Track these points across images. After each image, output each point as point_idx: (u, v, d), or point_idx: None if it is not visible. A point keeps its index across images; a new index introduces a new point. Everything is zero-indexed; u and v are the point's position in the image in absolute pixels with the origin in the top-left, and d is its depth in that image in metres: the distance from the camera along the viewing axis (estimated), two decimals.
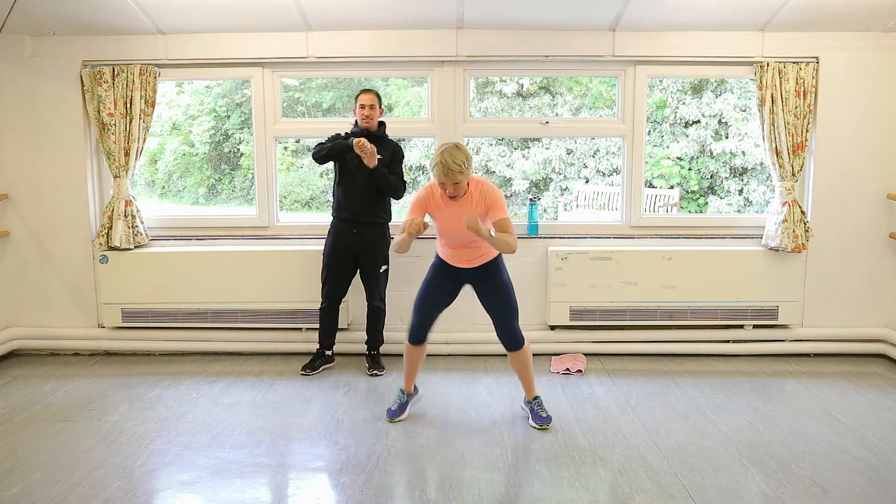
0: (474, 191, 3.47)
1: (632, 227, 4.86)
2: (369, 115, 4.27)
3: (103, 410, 3.89)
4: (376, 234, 4.36)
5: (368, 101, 4.27)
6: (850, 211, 4.69)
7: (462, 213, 3.41)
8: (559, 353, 4.74)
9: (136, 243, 4.71)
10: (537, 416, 3.67)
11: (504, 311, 3.63)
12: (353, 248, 4.34)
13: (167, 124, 10.93)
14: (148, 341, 4.81)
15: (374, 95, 4.30)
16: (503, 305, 3.62)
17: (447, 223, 3.53)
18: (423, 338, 3.72)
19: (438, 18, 4.45)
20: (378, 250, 4.37)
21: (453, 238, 3.55)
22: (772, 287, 4.68)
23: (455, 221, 3.45)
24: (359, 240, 4.32)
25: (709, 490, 3.01)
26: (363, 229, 4.32)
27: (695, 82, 9.36)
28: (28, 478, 3.12)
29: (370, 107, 4.27)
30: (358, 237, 4.32)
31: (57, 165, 4.70)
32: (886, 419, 3.75)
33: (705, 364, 4.61)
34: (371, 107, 4.27)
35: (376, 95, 4.31)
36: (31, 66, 4.62)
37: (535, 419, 3.66)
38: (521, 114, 9.84)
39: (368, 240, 4.33)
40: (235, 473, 3.18)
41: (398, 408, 3.76)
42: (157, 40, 4.60)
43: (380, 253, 4.38)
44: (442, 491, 3.03)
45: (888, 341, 4.72)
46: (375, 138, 4.29)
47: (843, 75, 4.56)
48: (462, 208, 3.45)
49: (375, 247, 4.36)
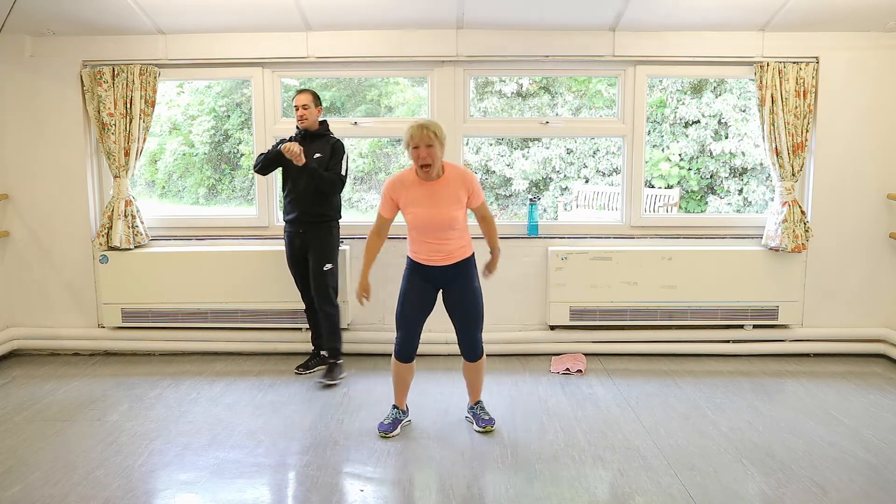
0: (451, 174, 3.41)
1: (632, 227, 4.86)
2: (304, 116, 4.23)
3: (103, 410, 3.89)
4: (321, 231, 4.29)
5: (302, 101, 4.23)
6: (850, 211, 4.69)
7: (438, 196, 3.37)
8: (559, 353, 4.74)
9: (136, 243, 4.71)
10: (480, 419, 3.63)
11: (470, 317, 3.54)
12: (301, 248, 4.32)
13: (166, 124, 10.92)
14: (148, 341, 4.81)
15: (308, 95, 4.24)
16: (471, 312, 3.53)
17: (420, 210, 3.39)
18: (412, 354, 3.55)
19: (438, 18, 4.45)
20: (322, 248, 4.29)
21: (427, 229, 3.41)
22: (772, 287, 4.68)
23: (429, 207, 3.37)
24: (304, 239, 4.30)
25: (709, 490, 3.01)
26: (308, 228, 4.28)
27: (694, 82, 9.35)
28: (28, 478, 3.12)
29: (303, 107, 4.22)
30: (304, 237, 4.29)
31: (57, 165, 4.70)
32: (886, 419, 3.75)
33: (705, 364, 4.62)
34: (305, 107, 4.22)
35: (311, 94, 4.26)
36: (31, 66, 4.62)
37: (479, 423, 3.62)
38: (521, 114, 9.84)
39: (312, 238, 4.28)
40: (235, 473, 3.18)
41: (391, 423, 3.59)
42: (157, 40, 4.60)
43: (324, 251, 4.29)
44: (442, 491, 3.03)
45: (888, 341, 4.72)
46: (316, 137, 4.28)
47: (843, 75, 4.56)
48: (437, 191, 3.38)
49: (320, 244, 4.29)
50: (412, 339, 3.53)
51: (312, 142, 4.26)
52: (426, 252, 3.47)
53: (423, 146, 3.29)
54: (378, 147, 10.33)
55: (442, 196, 3.39)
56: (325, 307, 4.29)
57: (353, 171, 10.43)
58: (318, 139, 4.30)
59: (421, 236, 3.46)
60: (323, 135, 4.33)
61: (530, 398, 4.05)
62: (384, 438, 3.52)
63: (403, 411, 3.67)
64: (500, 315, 4.77)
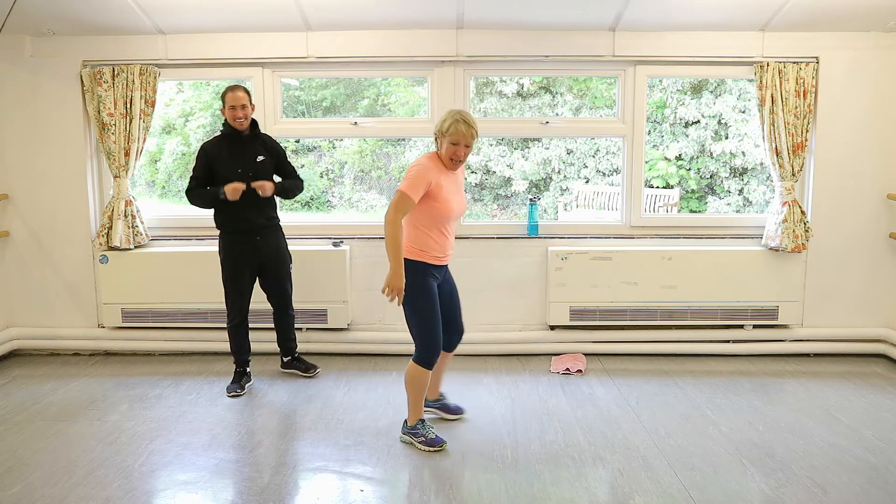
0: None
1: (632, 227, 4.85)
2: (244, 116, 3.96)
3: (103, 410, 3.89)
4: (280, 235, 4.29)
5: (241, 100, 3.93)
6: (850, 211, 4.69)
7: (459, 185, 3.41)
8: (559, 353, 4.74)
9: (136, 243, 4.71)
10: (453, 406, 3.77)
11: (459, 302, 3.57)
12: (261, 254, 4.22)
13: (162, 122, 10.90)
14: (148, 341, 4.81)
15: (246, 94, 3.96)
16: (458, 297, 3.57)
17: (453, 197, 3.30)
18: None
19: (438, 18, 4.45)
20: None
21: (453, 218, 3.34)
22: (772, 287, 4.68)
23: (457, 195, 3.36)
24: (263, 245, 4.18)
25: (709, 490, 3.01)
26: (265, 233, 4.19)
27: (694, 83, 9.36)
28: (28, 478, 3.12)
29: (242, 107, 3.94)
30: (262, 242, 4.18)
31: (57, 165, 4.70)
32: (886, 419, 3.75)
33: (705, 364, 4.62)
34: (244, 107, 3.95)
35: (247, 93, 3.97)
36: (31, 66, 4.62)
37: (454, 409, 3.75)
38: (521, 114, 9.84)
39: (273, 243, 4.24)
40: (235, 473, 3.18)
41: (435, 436, 3.43)
42: (157, 40, 4.60)
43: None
44: (442, 491, 3.03)
45: (888, 341, 4.72)
46: (249, 140, 4.07)
47: (843, 75, 4.56)
48: (459, 180, 3.42)
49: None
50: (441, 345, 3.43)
51: (246, 145, 4.04)
52: (448, 247, 3.38)
53: (463, 145, 3.25)
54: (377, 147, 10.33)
55: (461, 185, 3.45)
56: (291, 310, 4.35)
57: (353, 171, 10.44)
58: (252, 141, 4.07)
59: (446, 227, 3.34)
60: (257, 135, 4.12)
61: (530, 398, 4.05)
62: (442, 450, 3.39)
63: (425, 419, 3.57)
64: (500, 315, 4.78)
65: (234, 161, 4.02)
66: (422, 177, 3.19)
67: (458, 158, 3.27)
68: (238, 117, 3.95)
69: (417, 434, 3.41)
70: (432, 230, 3.30)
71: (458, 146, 3.24)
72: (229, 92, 3.96)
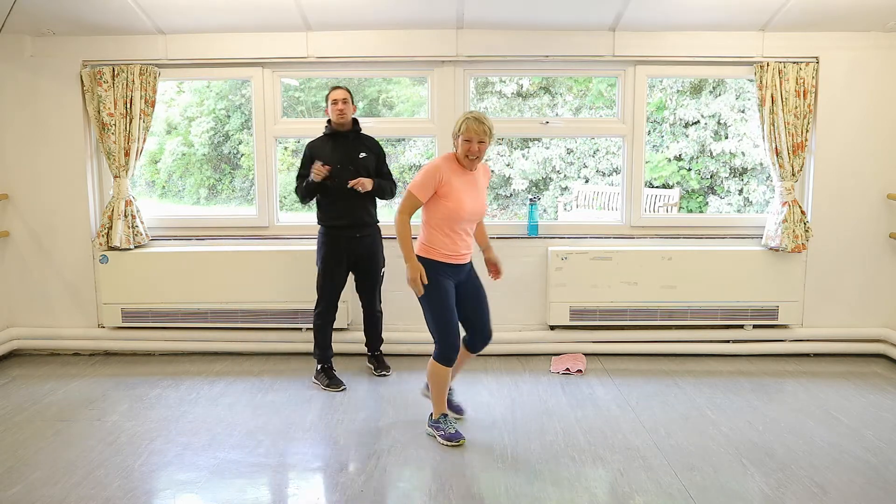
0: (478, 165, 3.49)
1: (632, 227, 4.85)
2: (343, 111, 4.12)
3: (103, 410, 3.89)
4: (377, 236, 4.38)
5: (342, 96, 4.13)
6: (850, 211, 4.69)
7: (476, 185, 3.42)
8: (559, 353, 4.74)
9: (136, 243, 4.71)
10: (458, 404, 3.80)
11: (487, 306, 3.57)
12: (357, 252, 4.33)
13: (163, 124, 10.91)
14: (148, 341, 4.81)
15: (346, 91, 4.16)
16: (486, 300, 3.56)
17: (465, 197, 3.34)
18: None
19: (438, 18, 4.45)
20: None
21: (467, 219, 3.37)
22: (772, 287, 4.68)
23: (472, 196, 3.37)
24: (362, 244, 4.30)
25: (709, 490, 3.01)
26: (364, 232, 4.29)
27: (694, 83, 9.36)
28: (28, 478, 3.12)
29: (343, 101, 4.13)
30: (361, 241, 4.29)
31: (57, 165, 4.70)
32: (886, 419, 3.75)
33: (705, 364, 4.61)
34: (345, 101, 4.13)
35: (348, 91, 4.18)
36: (31, 66, 4.62)
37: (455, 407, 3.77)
38: (521, 114, 9.84)
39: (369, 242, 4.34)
40: (235, 473, 3.18)
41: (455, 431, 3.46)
42: (157, 40, 4.60)
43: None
44: (442, 491, 3.03)
45: (888, 341, 4.72)
46: (353, 137, 4.21)
47: (843, 75, 4.56)
48: (475, 181, 3.44)
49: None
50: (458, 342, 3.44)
51: (348, 141, 4.18)
52: (460, 247, 3.41)
53: (476, 141, 3.32)
54: None
55: (478, 185, 3.46)
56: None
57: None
58: (354, 139, 4.22)
59: (458, 227, 3.38)
60: (358, 133, 4.27)
61: (530, 398, 4.05)
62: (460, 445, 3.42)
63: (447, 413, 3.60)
64: (500, 315, 4.74)
65: (335, 156, 4.13)
66: (431, 176, 3.31)
67: (472, 155, 3.34)
68: (339, 110, 4.12)
69: (439, 428, 3.48)
70: (443, 228, 3.37)
71: (471, 142, 3.32)
72: (332, 90, 4.17)
